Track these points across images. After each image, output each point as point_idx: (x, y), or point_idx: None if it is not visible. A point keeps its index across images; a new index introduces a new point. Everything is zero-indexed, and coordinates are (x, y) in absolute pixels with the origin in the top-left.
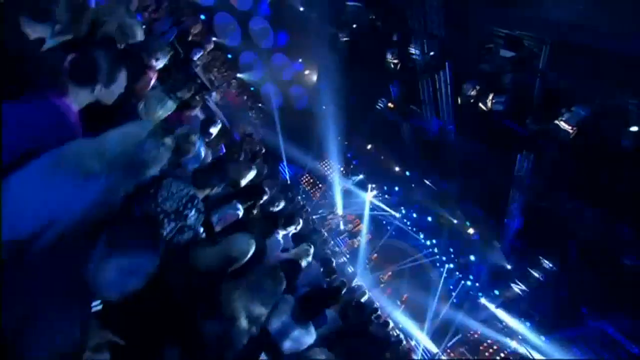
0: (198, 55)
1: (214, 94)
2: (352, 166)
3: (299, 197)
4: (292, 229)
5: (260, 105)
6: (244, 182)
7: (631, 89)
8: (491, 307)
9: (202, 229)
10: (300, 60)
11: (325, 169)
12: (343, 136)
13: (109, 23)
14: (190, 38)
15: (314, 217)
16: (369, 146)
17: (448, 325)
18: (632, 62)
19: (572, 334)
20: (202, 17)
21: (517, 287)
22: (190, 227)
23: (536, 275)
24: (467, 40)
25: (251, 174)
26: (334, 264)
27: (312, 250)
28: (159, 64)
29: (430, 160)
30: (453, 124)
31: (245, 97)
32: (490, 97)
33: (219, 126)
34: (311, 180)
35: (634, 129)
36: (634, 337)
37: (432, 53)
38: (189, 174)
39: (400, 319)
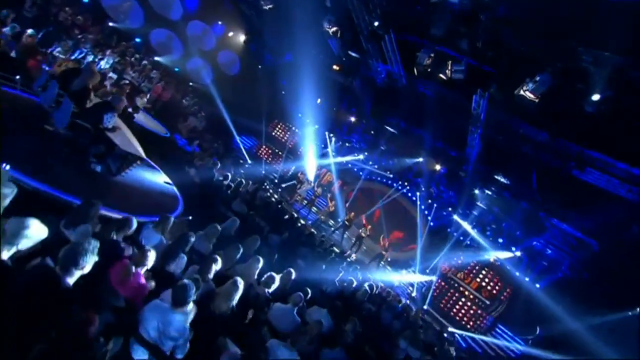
0: (112, 121)
1: (137, 99)
2: (307, 122)
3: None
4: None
5: (191, 85)
6: None
7: (584, 37)
8: (465, 224)
9: None
10: (219, 22)
11: (280, 132)
12: (290, 95)
13: None
14: (92, 96)
15: (283, 186)
16: (319, 100)
17: (433, 252)
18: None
19: (538, 239)
20: (85, 0)
21: (484, 204)
22: None
23: (495, 191)
24: None
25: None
26: None
27: None
28: (85, 269)
29: (385, 106)
30: (401, 67)
31: (173, 85)
32: (449, 65)
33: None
34: (270, 151)
35: (596, 97)
36: (587, 230)
37: (376, 24)
38: None
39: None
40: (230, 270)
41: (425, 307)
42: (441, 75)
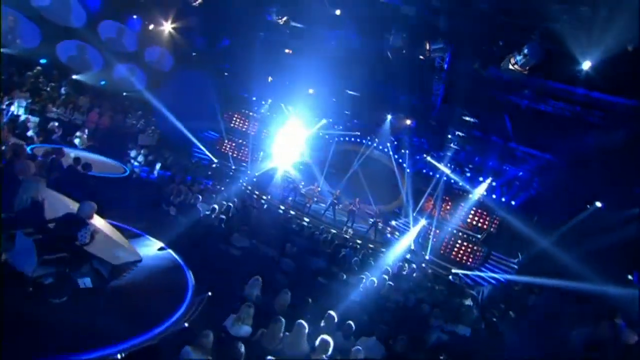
0: (88, 234)
1: (77, 140)
2: (263, 103)
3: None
4: None
5: (126, 95)
6: None
7: None
8: (441, 166)
9: None
10: (134, 16)
11: (239, 121)
12: (237, 80)
13: None
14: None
15: (257, 174)
16: (270, 79)
17: (417, 196)
18: None
19: (509, 166)
20: None
21: (455, 145)
22: None
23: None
24: None
25: None
26: None
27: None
28: None
29: (342, 71)
30: (355, 32)
31: (108, 105)
32: (427, 46)
33: None
34: (233, 144)
35: (587, 65)
36: (555, 153)
37: (338, 12)
38: None
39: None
40: (279, 346)
41: (427, 257)
42: (421, 57)
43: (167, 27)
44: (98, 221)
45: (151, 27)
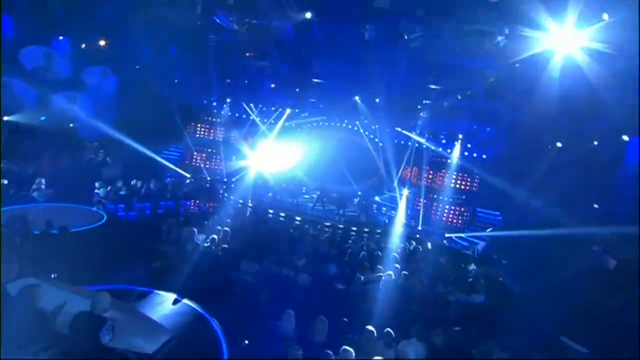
0: (110, 332)
1: (35, 193)
2: (225, 106)
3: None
4: None
5: (71, 126)
6: None
7: None
8: (413, 135)
9: None
10: (60, 37)
11: (203, 131)
12: (191, 89)
13: None
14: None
15: (234, 179)
16: (228, 81)
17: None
18: None
19: (480, 126)
20: None
21: (425, 114)
22: None
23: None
24: None
25: None
26: None
27: None
28: None
29: (304, 62)
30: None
31: (60, 142)
32: (406, 36)
33: None
34: (204, 155)
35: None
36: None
37: (308, 14)
38: None
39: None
40: None
41: (419, 227)
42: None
43: (102, 42)
44: (114, 306)
45: (83, 45)
